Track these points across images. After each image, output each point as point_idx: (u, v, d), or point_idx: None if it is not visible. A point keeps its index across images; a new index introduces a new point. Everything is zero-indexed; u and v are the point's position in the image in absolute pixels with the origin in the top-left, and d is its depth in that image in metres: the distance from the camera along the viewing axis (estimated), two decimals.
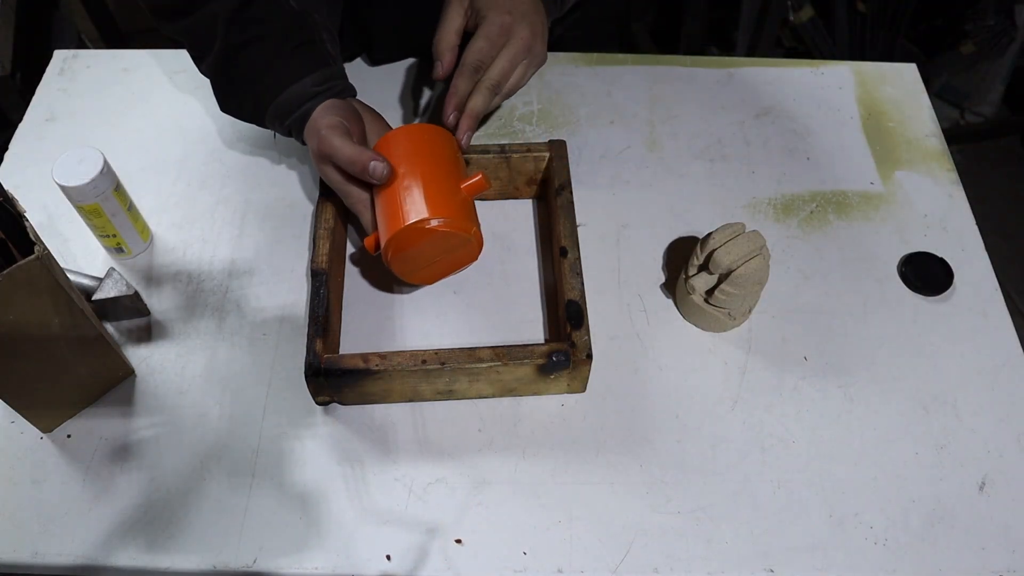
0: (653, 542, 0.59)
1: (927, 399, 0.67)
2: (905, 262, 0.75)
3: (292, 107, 0.67)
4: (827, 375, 0.68)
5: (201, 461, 0.62)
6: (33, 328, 0.55)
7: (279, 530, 0.59)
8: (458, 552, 0.59)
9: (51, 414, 0.63)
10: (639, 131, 0.85)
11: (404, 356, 0.61)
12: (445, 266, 0.67)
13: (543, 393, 0.66)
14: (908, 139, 0.86)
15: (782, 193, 0.80)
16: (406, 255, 0.64)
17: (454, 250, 0.65)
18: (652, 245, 0.76)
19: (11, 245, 0.57)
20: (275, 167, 0.80)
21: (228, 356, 0.68)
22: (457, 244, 0.64)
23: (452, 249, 0.64)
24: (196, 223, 0.76)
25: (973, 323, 0.72)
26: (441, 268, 0.67)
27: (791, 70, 0.92)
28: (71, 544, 0.59)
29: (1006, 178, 1.94)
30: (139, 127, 0.84)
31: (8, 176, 0.79)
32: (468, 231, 0.63)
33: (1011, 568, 0.59)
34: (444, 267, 0.67)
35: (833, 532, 0.60)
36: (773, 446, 0.64)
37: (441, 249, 0.64)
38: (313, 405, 0.65)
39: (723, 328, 0.70)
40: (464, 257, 0.66)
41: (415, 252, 0.64)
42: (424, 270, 0.67)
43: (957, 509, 0.62)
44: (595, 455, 0.63)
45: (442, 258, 0.65)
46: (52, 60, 0.89)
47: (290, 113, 0.68)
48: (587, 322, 0.63)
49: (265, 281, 0.72)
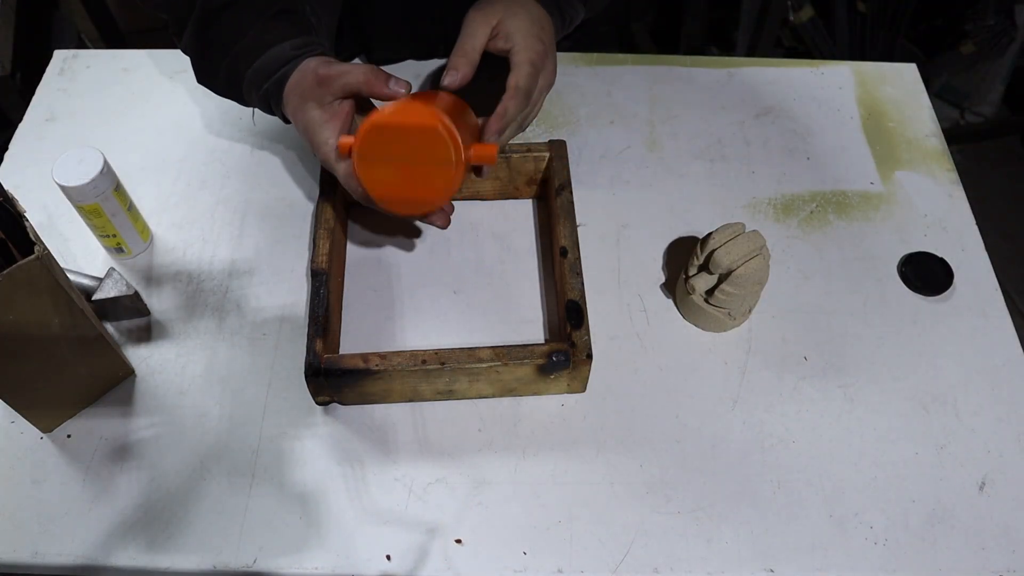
0: (653, 542, 0.59)
1: (927, 399, 0.67)
2: (905, 262, 0.75)
3: (270, 71, 0.65)
4: (827, 375, 0.68)
5: (201, 461, 0.62)
6: (33, 328, 0.55)
7: (279, 530, 0.59)
8: (458, 552, 0.59)
9: (51, 414, 0.63)
10: (639, 131, 0.85)
11: (404, 356, 0.61)
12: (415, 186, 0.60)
13: (543, 393, 0.66)
14: (908, 139, 0.86)
15: (782, 193, 0.80)
16: (374, 156, 0.58)
17: (428, 165, 0.58)
18: (652, 245, 0.76)
19: (11, 245, 0.57)
20: (275, 167, 0.80)
21: (228, 356, 0.68)
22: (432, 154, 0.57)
23: (426, 162, 0.58)
24: (196, 223, 0.76)
25: (973, 323, 0.72)
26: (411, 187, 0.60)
27: (791, 70, 0.92)
28: (71, 544, 0.59)
29: (1006, 178, 1.94)
30: (139, 127, 0.84)
31: (8, 176, 0.79)
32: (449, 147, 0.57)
33: (1011, 568, 0.59)
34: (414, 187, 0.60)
35: (833, 532, 0.60)
36: (773, 446, 0.64)
37: (413, 156, 0.58)
38: (313, 405, 0.65)
39: (723, 328, 0.70)
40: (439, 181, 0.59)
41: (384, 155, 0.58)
42: (392, 185, 0.60)
43: (957, 509, 0.62)
44: (595, 455, 0.63)
45: (413, 172, 0.59)
46: (52, 60, 0.89)
47: (268, 77, 0.65)
48: (587, 322, 0.63)
49: (265, 281, 0.72)
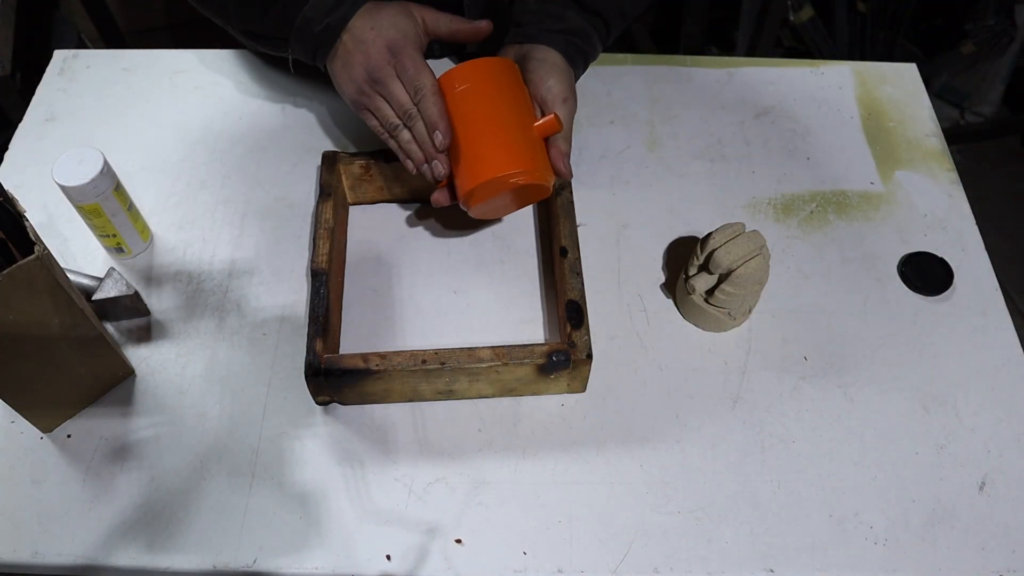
0: (653, 542, 0.59)
1: (927, 399, 0.67)
2: (905, 262, 0.75)
3: (327, 10, 0.65)
4: (827, 375, 0.68)
5: (201, 461, 0.62)
6: (33, 328, 0.55)
7: (279, 530, 0.59)
8: (458, 552, 0.59)
9: (51, 414, 0.63)
10: (639, 131, 0.85)
11: (404, 356, 0.61)
12: (517, 204, 0.70)
13: (543, 393, 0.66)
14: (908, 139, 0.86)
15: (782, 193, 0.80)
16: (485, 202, 0.66)
17: (530, 192, 0.67)
18: (652, 245, 0.76)
19: (11, 245, 0.57)
20: (275, 167, 0.80)
21: (228, 356, 0.68)
22: (535, 190, 0.66)
23: (528, 192, 0.67)
24: (196, 223, 0.76)
25: (973, 323, 0.72)
26: (514, 206, 0.71)
27: (791, 70, 0.92)
28: (71, 544, 0.59)
29: (1006, 178, 1.94)
30: (139, 127, 0.84)
31: (8, 176, 0.79)
32: (548, 180, 0.65)
33: (1011, 568, 0.59)
34: (516, 205, 0.70)
35: (833, 532, 0.60)
36: (773, 446, 0.64)
37: (519, 194, 0.67)
38: (313, 405, 0.65)
39: (723, 328, 0.70)
40: (536, 195, 0.69)
41: (493, 199, 0.66)
42: (497, 210, 0.70)
43: (957, 509, 0.62)
44: (595, 455, 0.63)
45: (517, 199, 0.68)
46: (52, 60, 0.89)
47: (328, 14, 0.65)
48: (587, 322, 0.63)
49: (265, 281, 0.72)
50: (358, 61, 0.65)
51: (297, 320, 0.70)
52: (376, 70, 0.64)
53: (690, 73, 0.91)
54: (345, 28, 0.65)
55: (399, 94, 0.64)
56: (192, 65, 0.89)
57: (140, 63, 0.89)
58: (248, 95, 0.86)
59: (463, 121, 0.64)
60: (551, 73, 0.68)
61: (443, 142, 0.64)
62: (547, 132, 0.66)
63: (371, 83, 0.65)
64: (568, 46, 0.71)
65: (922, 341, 0.71)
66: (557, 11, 0.71)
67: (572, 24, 0.71)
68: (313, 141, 0.82)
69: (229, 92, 0.86)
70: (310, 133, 0.83)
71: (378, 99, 0.66)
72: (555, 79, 0.68)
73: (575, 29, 0.71)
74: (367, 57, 0.64)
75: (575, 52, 0.71)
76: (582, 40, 0.72)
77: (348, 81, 0.66)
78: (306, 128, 0.83)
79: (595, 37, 0.73)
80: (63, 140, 0.82)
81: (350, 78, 0.66)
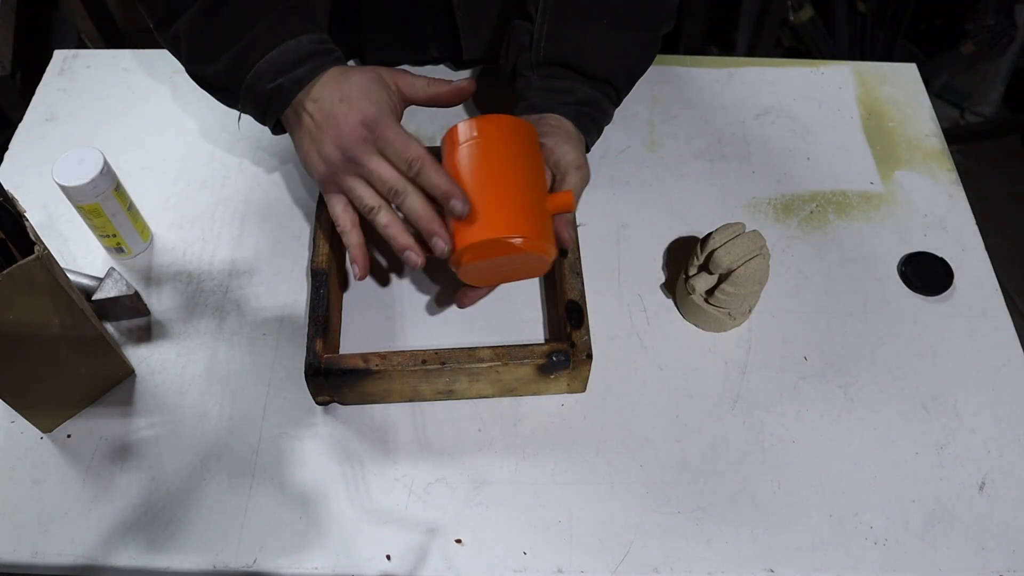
0: (653, 542, 0.59)
1: (927, 399, 0.67)
2: (905, 262, 0.75)
3: (284, 67, 0.59)
4: (827, 375, 0.68)
5: (201, 461, 0.62)
6: (33, 328, 0.55)
7: (279, 530, 0.59)
8: (458, 552, 0.59)
9: (51, 414, 0.63)
10: (639, 131, 0.85)
11: (404, 356, 0.61)
12: (509, 276, 0.63)
13: (543, 393, 0.66)
14: (908, 139, 0.86)
15: (782, 193, 0.80)
16: (477, 263, 0.59)
17: (527, 264, 0.60)
18: (652, 245, 0.76)
19: (11, 245, 0.57)
20: (275, 167, 0.80)
21: (228, 356, 0.68)
22: (534, 262, 0.60)
23: (526, 263, 0.60)
24: (196, 223, 0.76)
25: (973, 323, 0.72)
26: (504, 277, 0.64)
27: (791, 70, 0.92)
28: (71, 544, 0.59)
29: (1006, 178, 1.94)
30: (139, 127, 0.84)
31: (8, 176, 0.79)
32: (550, 255, 0.59)
33: (1011, 568, 0.59)
34: (507, 276, 0.64)
35: (833, 532, 0.60)
36: (773, 446, 0.64)
37: (515, 261, 0.59)
38: (313, 405, 0.65)
39: (723, 328, 0.70)
40: (534, 270, 0.62)
41: (487, 262, 0.59)
42: (488, 277, 0.63)
43: (957, 509, 0.62)
44: (595, 455, 0.63)
45: (512, 269, 0.61)
46: (52, 60, 0.89)
47: (281, 73, 0.59)
48: (587, 322, 0.63)
49: (265, 281, 0.72)
50: (329, 138, 0.58)
51: (297, 320, 0.70)
52: (351, 148, 0.57)
53: (690, 73, 0.91)
54: (307, 94, 0.59)
55: (383, 170, 0.57)
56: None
57: (140, 63, 0.89)
58: None
59: (470, 175, 0.58)
60: (566, 140, 0.64)
61: (464, 208, 0.56)
62: (559, 209, 0.60)
63: (346, 162, 0.58)
64: (579, 115, 0.68)
65: (922, 341, 0.71)
66: (564, 85, 0.69)
67: (581, 95, 0.69)
68: None
69: None
70: None
71: (353, 179, 0.59)
72: (570, 146, 0.64)
73: (584, 99, 0.69)
74: (339, 134, 0.57)
75: (587, 121, 0.69)
76: (593, 108, 0.69)
77: (318, 161, 0.60)
78: None
79: (606, 102, 0.71)
80: (63, 140, 0.82)
81: (320, 157, 0.59)
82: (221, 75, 0.62)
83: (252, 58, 0.59)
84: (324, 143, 0.59)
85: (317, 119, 0.59)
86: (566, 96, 0.69)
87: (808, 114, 0.87)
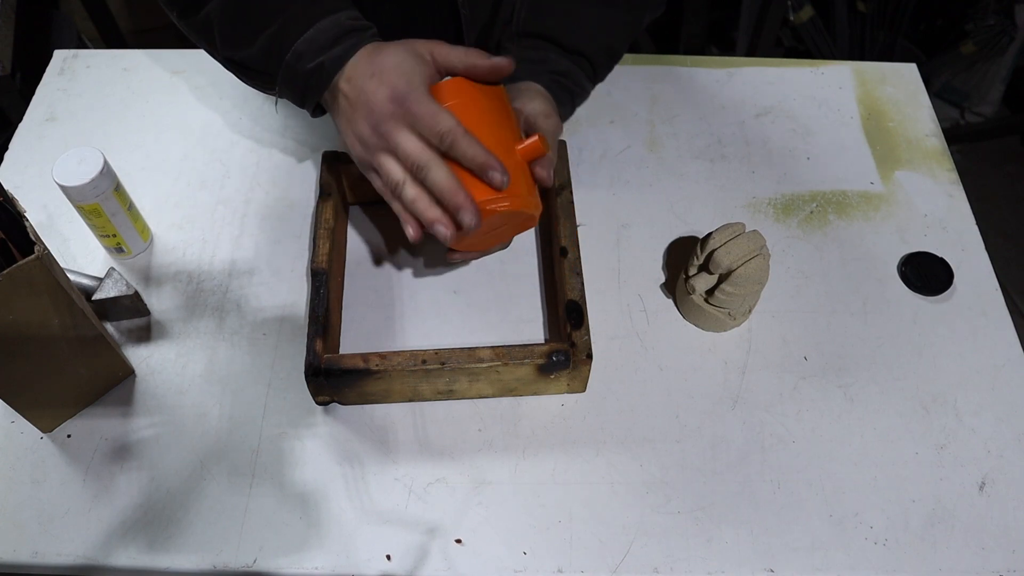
0: (653, 542, 0.59)
1: (927, 399, 0.67)
2: (905, 262, 0.75)
3: (324, 45, 0.58)
4: (827, 375, 0.68)
5: (201, 461, 0.62)
6: (33, 328, 0.55)
7: (279, 530, 0.59)
8: (458, 552, 0.59)
9: (51, 414, 0.63)
10: (639, 131, 0.85)
11: (404, 356, 0.61)
12: (501, 236, 0.65)
13: (543, 393, 0.66)
14: (908, 139, 0.86)
15: (782, 193, 0.80)
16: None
17: (515, 223, 0.62)
18: (652, 245, 0.76)
19: (11, 245, 0.57)
20: (275, 167, 0.80)
21: (228, 356, 0.68)
22: (521, 219, 0.61)
23: (514, 222, 0.62)
24: (196, 223, 0.76)
25: (973, 323, 0.72)
26: (496, 238, 0.65)
27: (791, 70, 0.92)
28: (71, 544, 0.59)
29: (1006, 178, 1.94)
30: (139, 127, 0.84)
31: (8, 176, 0.79)
32: (534, 209, 0.60)
33: (1011, 568, 0.59)
34: (499, 237, 0.65)
35: (833, 532, 0.60)
36: (773, 446, 0.64)
37: (503, 223, 0.61)
38: (313, 405, 0.65)
39: (723, 328, 0.70)
40: (522, 225, 0.64)
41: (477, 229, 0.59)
42: (477, 243, 0.64)
43: (957, 509, 0.62)
44: (595, 455, 0.63)
45: (501, 230, 0.63)
46: (52, 60, 0.89)
47: (321, 51, 0.58)
48: (587, 322, 0.63)
49: (265, 281, 0.72)
50: (361, 116, 0.58)
51: (297, 320, 0.70)
52: (381, 123, 0.57)
53: (690, 73, 0.91)
54: (342, 74, 0.59)
55: (408, 144, 0.57)
56: (192, 65, 0.89)
57: (140, 63, 0.89)
58: (248, 95, 0.86)
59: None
60: (535, 97, 0.65)
61: (504, 179, 0.56)
62: (532, 156, 0.60)
63: (377, 138, 0.58)
64: (552, 83, 0.68)
65: (922, 341, 0.71)
66: (539, 55, 0.69)
67: (555, 65, 0.69)
68: (313, 141, 0.82)
69: (229, 92, 0.86)
70: (310, 133, 0.83)
71: (382, 155, 0.58)
72: (539, 101, 0.64)
73: (560, 70, 0.69)
74: (370, 111, 0.57)
75: (560, 90, 0.69)
76: (567, 79, 0.69)
77: (354, 141, 0.60)
78: (306, 128, 0.83)
79: (581, 76, 0.71)
80: (63, 140, 0.82)
81: (355, 136, 0.59)
82: (257, 57, 0.61)
83: (290, 38, 0.58)
84: (357, 122, 0.59)
85: (351, 98, 0.58)
86: (541, 65, 0.69)
87: (808, 114, 0.87)
